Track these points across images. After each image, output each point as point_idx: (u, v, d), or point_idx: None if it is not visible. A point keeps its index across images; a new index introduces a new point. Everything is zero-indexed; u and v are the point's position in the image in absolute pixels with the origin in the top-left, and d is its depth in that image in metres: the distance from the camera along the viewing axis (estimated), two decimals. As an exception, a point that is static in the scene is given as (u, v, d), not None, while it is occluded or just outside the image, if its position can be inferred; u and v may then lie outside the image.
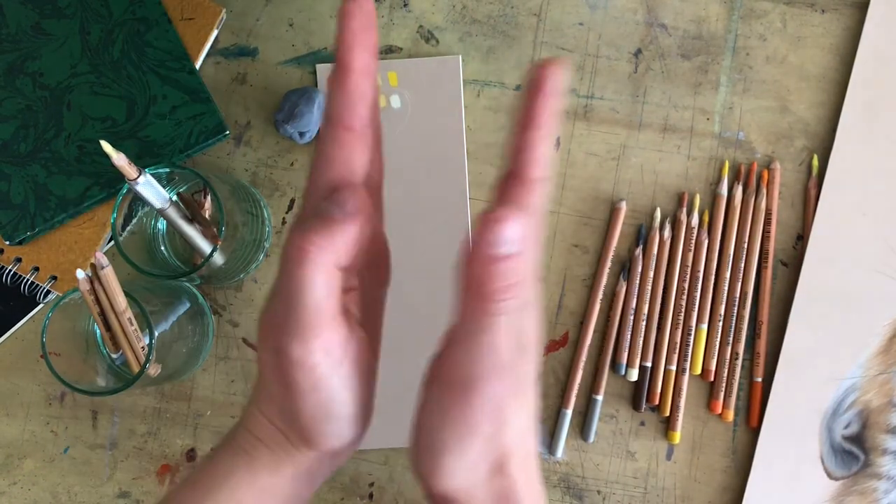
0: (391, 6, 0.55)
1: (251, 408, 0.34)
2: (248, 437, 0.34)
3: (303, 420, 0.32)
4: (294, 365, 0.30)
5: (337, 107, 0.30)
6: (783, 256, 0.53)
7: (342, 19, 0.29)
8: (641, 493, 0.53)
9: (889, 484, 0.51)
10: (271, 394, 0.32)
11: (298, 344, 0.29)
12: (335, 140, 0.30)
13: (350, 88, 0.30)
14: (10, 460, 0.54)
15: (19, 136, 0.53)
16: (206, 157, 0.55)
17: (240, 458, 0.34)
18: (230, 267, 0.50)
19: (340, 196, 0.30)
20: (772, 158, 0.53)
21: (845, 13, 0.54)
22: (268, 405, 0.33)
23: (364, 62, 0.29)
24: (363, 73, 0.30)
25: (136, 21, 0.53)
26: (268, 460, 0.34)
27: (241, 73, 0.55)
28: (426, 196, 0.54)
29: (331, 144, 0.30)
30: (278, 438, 0.33)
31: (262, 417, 0.34)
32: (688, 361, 0.52)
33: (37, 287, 0.53)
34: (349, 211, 0.29)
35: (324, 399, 0.31)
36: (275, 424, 0.33)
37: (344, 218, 0.29)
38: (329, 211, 0.29)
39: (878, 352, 0.51)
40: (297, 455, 0.34)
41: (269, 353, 0.31)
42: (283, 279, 0.29)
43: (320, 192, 0.30)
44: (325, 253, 0.28)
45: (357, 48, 0.29)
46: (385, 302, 0.37)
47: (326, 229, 0.29)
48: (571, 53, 0.54)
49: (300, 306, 0.29)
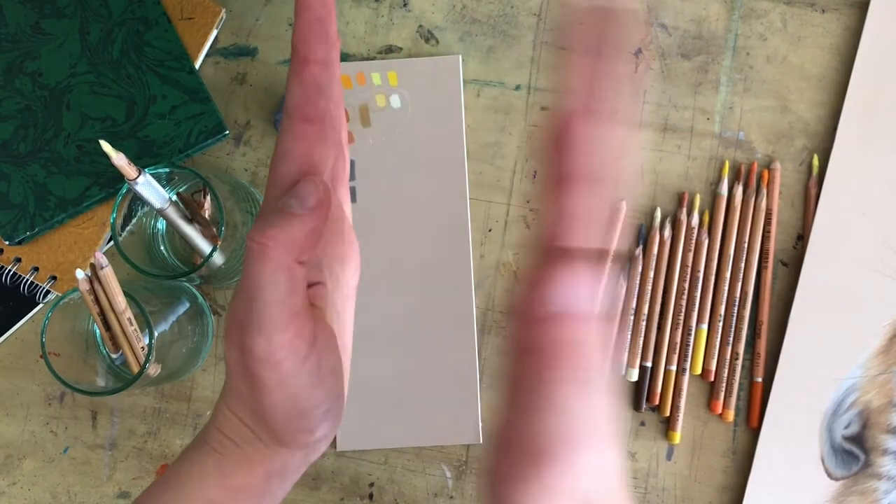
0: (391, 6, 0.55)
1: (220, 406, 0.34)
2: (218, 436, 0.33)
3: (271, 417, 0.31)
4: (259, 362, 0.29)
5: (295, 99, 0.30)
6: (783, 256, 0.53)
7: (299, 10, 0.29)
8: (641, 494, 0.53)
9: (889, 484, 0.51)
10: (239, 392, 0.32)
11: (262, 340, 0.29)
12: (294, 133, 0.30)
13: (307, 80, 0.29)
14: (9, 460, 0.54)
15: (19, 136, 0.53)
16: (206, 157, 0.55)
17: (210, 457, 0.33)
18: (230, 267, 0.50)
19: (300, 190, 0.29)
20: (772, 158, 0.53)
21: (845, 13, 0.54)
22: (236, 403, 0.33)
23: (322, 53, 0.29)
24: (321, 65, 0.29)
25: (136, 21, 0.53)
26: (238, 459, 0.33)
27: (241, 73, 0.55)
28: (426, 196, 0.54)
29: (290, 137, 0.30)
30: (248, 437, 0.33)
31: (231, 416, 0.33)
32: (688, 361, 0.52)
33: (36, 287, 0.53)
34: (309, 205, 0.29)
35: (291, 395, 0.31)
36: (244, 423, 0.33)
37: (304, 212, 0.29)
38: (289, 205, 0.29)
39: (879, 352, 0.51)
40: (268, 453, 0.33)
41: (234, 351, 0.30)
42: (245, 276, 0.29)
43: (281, 186, 0.30)
44: (285, 248, 0.28)
45: (313, 39, 0.29)
46: (354, 296, 0.36)
47: (286, 224, 0.28)
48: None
49: (262, 302, 0.29)
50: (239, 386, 0.32)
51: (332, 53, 0.30)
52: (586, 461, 0.28)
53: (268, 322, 0.29)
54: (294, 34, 0.29)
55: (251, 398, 0.31)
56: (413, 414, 0.53)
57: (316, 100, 0.30)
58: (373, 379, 0.53)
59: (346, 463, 0.53)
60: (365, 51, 0.55)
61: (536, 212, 0.51)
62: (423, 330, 0.53)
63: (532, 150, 0.54)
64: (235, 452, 0.33)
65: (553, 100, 0.30)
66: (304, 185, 0.29)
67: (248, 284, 0.29)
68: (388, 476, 0.53)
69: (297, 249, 0.29)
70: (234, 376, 0.32)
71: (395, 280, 0.54)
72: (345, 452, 0.53)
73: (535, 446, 0.28)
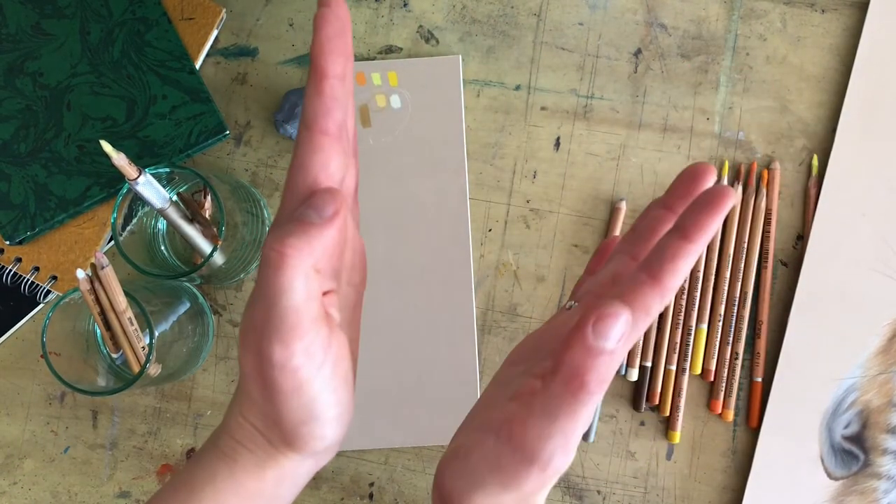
0: (391, 6, 0.55)
1: (233, 411, 0.34)
2: (229, 441, 0.34)
3: (285, 423, 0.32)
4: (276, 368, 0.30)
5: (313, 111, 0.30)
6: (783, 256, 0.53)
7: (317, 25, 0.30)
8: (641, 493, 0.53)
9: (889, 484, 0.51)
10: (253, 397, 0.32)
11: (280, 347, 0.30)
12: (312, 144, 0.30)
13: (326, 93, 0.30)
14: (10, 460, 0.54)
15: (19, 136, 0.53)
16: (206, 157, 0.55)
17: (222, 462, 0.34)
18: (230, 267, 0.50)
19: (317, 200, 0.30)
20: (772, 158, 0.53)
21: (845, 13, 0.54)
22: (249, 409, 0.33)
23: (340, 68, 0.30)
24: (339, 79, 0.30)
25: (136, 21, 0.53)
26: (250, 464, 0.34)
27: (241, 73, 0.55)
28: (426, 196, 0.54)
29: (307, 149, 0.31)
30: (260, 441, 0.34)
31: (243, 421, 0.34)
32: (688, 361, 0.53)
33: (37, 287, 0.53)
34: (327, 215, 0.30)
35: (306, 401, 0.31)
36: (256, 428, 0.34)
37: (322, 222, 0.29)
38: (307, 216, 0.30)
39: (878, 352, 0.52)
40: (280, 458, 0.34)
41: (250, 357, 0.31)
42: (263, 283, 0.29)
43: (297, 196, 0.31)
44: (303, 257, 0.29)
45: (332, 54, 0.30)
46: (361, 304, 0.37)
47: (304, 233, 0.29)
48: (571, 53, 0.54)
49: (280, 309, 0.29)
50: (253, 392, 0.32)
51: (349, 66, 0.31)
52: (556, 476, 0.30)
53: (286, 329, 0.29)
54: (313, 48, 0.30)
55: (265, 404, 0.32)
56: (413, 414, 0.53)
57: (333, 112, 0.30)
58: (373, 379, 0.53)
59: (346, 463, 0.53)
60: (365, 51, 0.55)
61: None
62: (423, 330, 0.53)
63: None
64: (247, 458, 0.34)
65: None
66: (321, 195, 0.30)
67: (265, 292, 0.29)
68: (388, 476, 0.53)
69: (315, 258, 0.29)
70: (250, 382, 0.32)
71: (395, 280, 0.54)
72: (345, 452, 0.54)
73: (531, 444, 0.29)
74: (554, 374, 0.29)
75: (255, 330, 0.30)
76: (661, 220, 0.34)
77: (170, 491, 0.35)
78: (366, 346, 0.53)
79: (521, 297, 0.54)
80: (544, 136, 0.54)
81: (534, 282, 0.54)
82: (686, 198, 0.33)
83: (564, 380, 0.28)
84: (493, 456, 0.30)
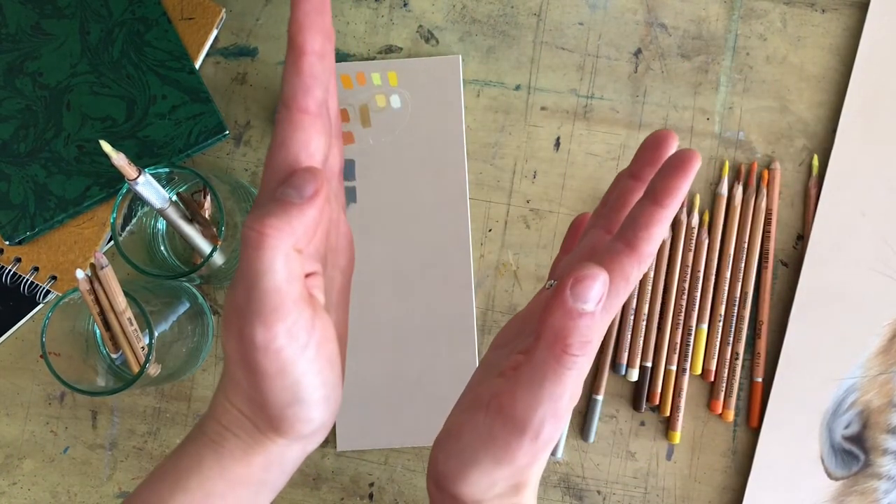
0: (391, 6, 0.55)
1: (218, 397, 0.34)
2: (216, 427, 0.34)
3: (270, 406, 0.32)
4: (259, 349, 0.30)
5: (291, 89, 0.30)
6: (783, 256, 0.53)
7: (295, 1, 0.29)
8: (641, 493, 0.53)
9: (889, 484, 0.51)
10: (237, 381, 0.32)
11: (262, 328, 0.29)
12: (291, 123, 0.30)
13: (304, 71, 0.30)
14: (10, 460, 0.54)
15: (19, 136, 0.53)
16: (206, 157, 0.55)
17: (208, 448, 0.34)
18: (230, 267, 0.50)
19: (298, 179, 0.30)
20: (772, 158, 0.53)
21: (845, 13, 0.54)
22: (234, 393, 0.33)
23: (318, 44, 0.30)
24: (317, 56, 0.30)
25: (136, 21, 0.53)
26: (237, 449, 0.33)
27: (241, 73, 0.55)
28: (426, 196, 0.54)
29: (287, 127, 0.30)
30: (246, 426, 0.33)
31: (229, 406, 0.33)
32: (688, 361, 0.52)
33: (37, 287, 0.53)
34: (307, 194, 0.29)
35: (290, 383, 0.31)
36: (242, 412, 0.33)
37: (302, 202, 0.29)
38: (287, 195, 0.29)
39: (878, 352, 0.51)
40: (266, 442, 0.33)
41: (233, 339, 0.31)
42: (243, 264, 0.29)
43: (277, 175, 0.30)
44: (283, 237, 0.28)
45: (310, 30, 0.29)
46: (349, 288, 0.37)
47: (284, 213, 0.29)
48: (571, 53, 0.54)
49: (261, 291, 0.29)
50: (237, 375, 0.32)
51: (328, 44, 0.30)
52: (548, 448, 0.31)
53: (267, 310, 0.29)
54: (290, 25, 0.29)
55: (250, 387, 0.31)
56: (413, 414, 0.53)
57: (313, 90, 0.30)
58: (373, 379, 0.53)
59: (346, 463, 0.53)
60: (365, 51, 0.55)
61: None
62: (423, 330, 0.53)
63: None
64: (234, 443, 0.33)
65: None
66: (302, 174, 0.30)
67: (246, 273, 0.29)
68: (388, 476, 0.53)
69: (295, 238, 0.29)
70: (233, 365, 0.32)
71: (395, 280, 0.54)
72: (345, 452, 0.54)
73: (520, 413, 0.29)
74: (537, 340, 0.29)
75: (237, 312, 0.30)
76: (630, 191, 0.34)
77: (157, 477, 0.34)
78: (366, 346, 0.53)
79: (522, 297, 0.54)
80: (544, 136, 0.54)
81: (534, 282, 0.54)
82: (653, 165, 0.33)
83: (547, 344, 0.28)
84: (485, 430, 0.30)
